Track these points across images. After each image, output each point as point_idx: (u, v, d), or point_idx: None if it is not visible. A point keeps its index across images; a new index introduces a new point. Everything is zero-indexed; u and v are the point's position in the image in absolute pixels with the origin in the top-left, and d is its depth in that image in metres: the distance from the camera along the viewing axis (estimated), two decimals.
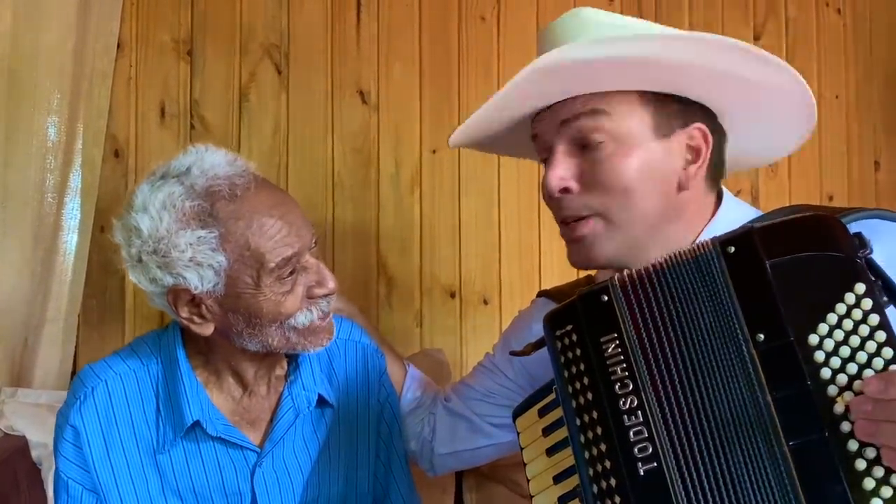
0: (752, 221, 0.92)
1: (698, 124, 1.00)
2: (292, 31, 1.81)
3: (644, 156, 0.98)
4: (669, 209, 1.00)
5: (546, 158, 1.05)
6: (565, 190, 1.00)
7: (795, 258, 0.77)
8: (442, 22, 1.88)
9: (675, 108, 1.00)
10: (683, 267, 0.82)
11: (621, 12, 1.95)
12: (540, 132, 1.05)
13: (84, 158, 1.64)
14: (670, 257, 0.83)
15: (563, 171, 1.00)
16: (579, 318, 0.86)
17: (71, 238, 1.63)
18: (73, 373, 1.64)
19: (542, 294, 1.23)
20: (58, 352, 1.60)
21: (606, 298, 0.85)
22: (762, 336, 0.76)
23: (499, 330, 1.88)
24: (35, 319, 1.58)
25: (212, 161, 1.02)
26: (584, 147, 1.00)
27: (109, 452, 1.07)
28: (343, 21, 1.83)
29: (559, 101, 1.02)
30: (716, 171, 1.04)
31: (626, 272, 0.86)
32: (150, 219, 0.97)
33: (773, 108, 1.04)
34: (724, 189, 1.07)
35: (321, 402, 1.16)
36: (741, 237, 0.80)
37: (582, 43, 0.95)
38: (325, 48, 1.82)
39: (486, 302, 1.89)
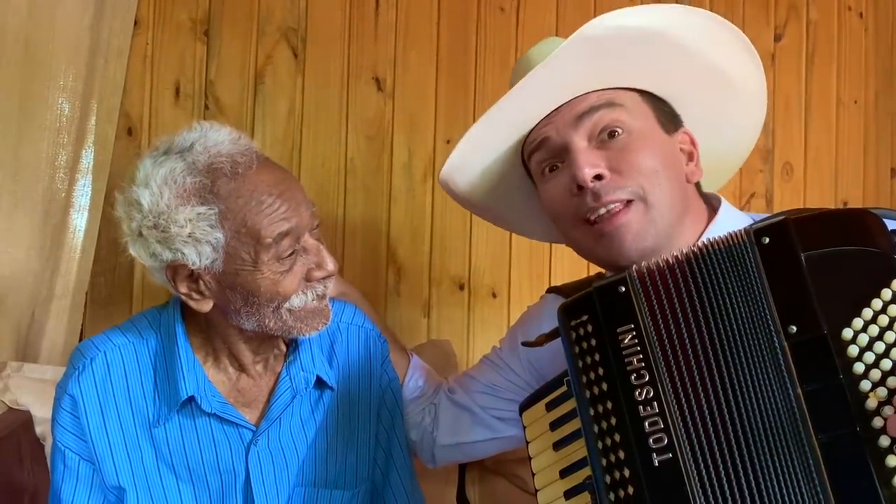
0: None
1: (685, 129, 1.07)
2: (310, 15, 1.79)
3: (660, 145, 1.02)
4: (686, 199, 1.03)
5: (553, 164, 1.05)
6: (598, 178, 0.99)
7: (831, 252, 0.77)
8: (461, 11, 1.87)
9: (668, 112, 1.06)
10: (714, 255, 0.82)
11: None
12: (549, 135, 1.05)
13: (97, 135, 1.63)
14: (701, 246, 0.83)
15: (593, 158, 1.00)
16: (595, 309, 0.86)
17: (81, 215, 1.62)
18: None
19: (551, 290, 1.23)
20: (64, 328, 1.60)
21: (624, 289, 0.85)
22: (794, 328, 0.76)
23: (507, 323, 1.87)
24: (43, 295, 1.58)
25: (215, 138, 1.02)
26: (604, 139, 1.01)
27: (106, 423, 1.08)
28: (361, 7, 1.82)
29: (568, 102, 1.03)
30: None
31: (643, 263, 0.86)
32: (150, 193, 0.98)
33: (727, 97, 1.09)
34: (721, 196, 1.09)
35: (320, 383, 1.16)
36: (777, 227, 0.79)
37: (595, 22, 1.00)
38: (342, 33, 1.81)
39: (494, 295, 1.88)
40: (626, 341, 0.83)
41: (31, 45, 1.53)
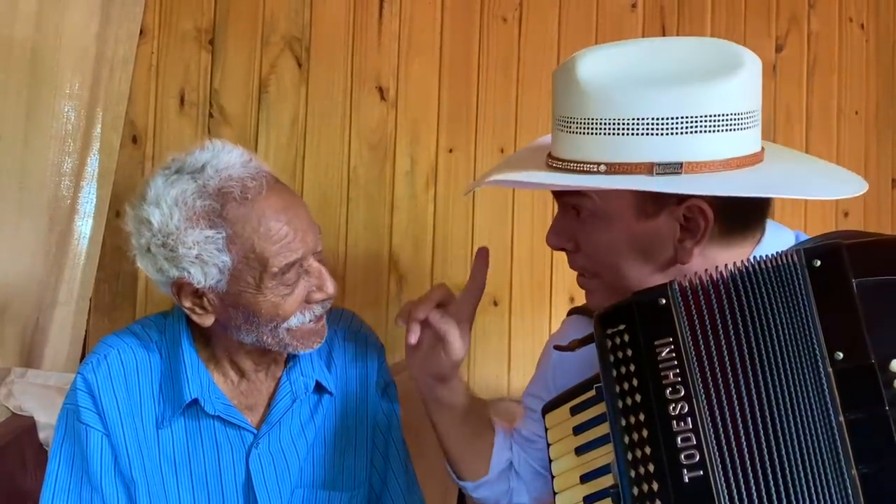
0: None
1: (696, 201, 0.89)
2: (314, 25, 1.81)
3: (627, 236, 0.94)
4: (668, 277, 0.94)
5: None
6: (563, 249, 1.01)
7: (885, 280, 0.75)
8: (463, 21, 1.88)
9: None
10: (761, 274, 0.80)
11: (643, 20, 1.96)
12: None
13: (102, 143, 1.64)
14: (748, 264, 0.81)
15: (556, 233, 1.01)
16: (633, 319, 0.84)
17: (86, 222, 1.63)
18: (83, 356, 1.64)
19: (574, 311, 1.19)
20: (68, 334, 1.61)
21: (664, 301, 0.83)
22: (841, 355, 0.74)
23: (508, 331, 1.89)
24: (47, 301, 1.59)
25: (227, 161, 1.04)
26: (577, 213, 0.97)
27: (120, 412, 1.09)
28: (365, 17, 1.84)
29: None
30: (733, 231, 0.93)
31: (687, 277, 0.83)
32: (161, 213, 1.00)
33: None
34: (770, 223, 0.98)
35: (319, 388, 1.18)
36: (829, 251, 0.77)
37: (544, 174, 0.95)
38: (346, 43, 1.82)
39: (495, 303, 1.89)
40: (663, 354, 0.81)
41: (37, 53, 1.55)
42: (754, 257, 0.81)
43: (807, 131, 2.06)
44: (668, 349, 0.81)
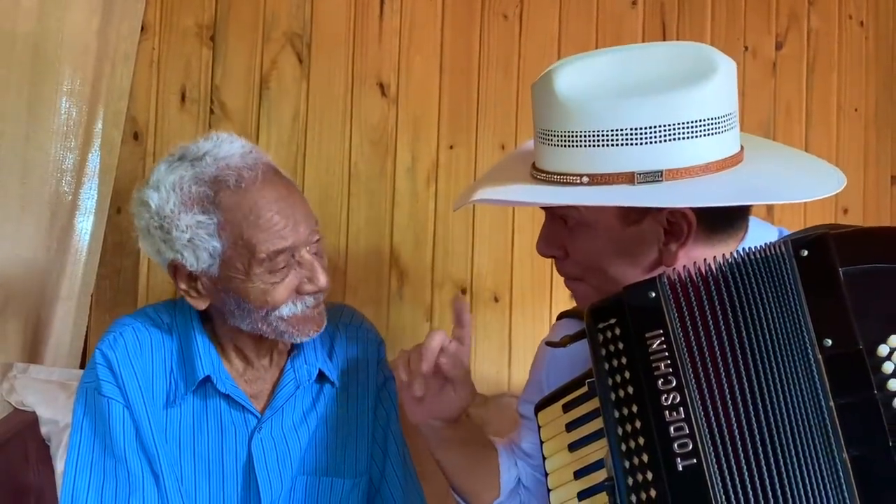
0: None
1: (674, 208, 0.91)
2: (315, 21, 1.81)
3: (613, 242, 0.96)
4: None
5: None
6: (553, 256, 1.04)
7: (870, 268, 0.77)
8: (464, 18, 1.88)
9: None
10: (750, 266, 0.81)
11: (643, 17, 1.97)
12: None
13: (103, 139, 1.64)
14: (736, 256, 0.83)
15: (545, 242, 1.04)
16: (624, 313, 0.86)
17: (87, 219, 1.63)
18: (85, 352, 1.64)
19: (564, 315, 1.22)
20: (70, 330, 1.61)
21: (654, 295, 0.84)
22: (829, 341, 0.76)
23: (508, 327, 1.89)
24: (49, 297, 1.59)
25: (227, 150, 1.09)
26: (564, 222, 1.00)
27: (140, 385, 1.12)
28: (366, 13, 1.84)
29: None
30: (717, 231, 0.95)
31: (675, 270, 0.85)
32: (159, 197, 1.06)
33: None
34: (752, 220, 1.00)
35: (322, 378, 1.21)
36: (816, 241, 0.79)
37: (531, 188, 0.96)
38: (347, 39, 1.83)
39: (496, 299, 1.89)
40: (654, 346, 0.82)
41: (39, 49, 1.55)
42: (743, 249, 0.83)
43: (806, 129, 2.07)
44: (658, 341, 0.82)
